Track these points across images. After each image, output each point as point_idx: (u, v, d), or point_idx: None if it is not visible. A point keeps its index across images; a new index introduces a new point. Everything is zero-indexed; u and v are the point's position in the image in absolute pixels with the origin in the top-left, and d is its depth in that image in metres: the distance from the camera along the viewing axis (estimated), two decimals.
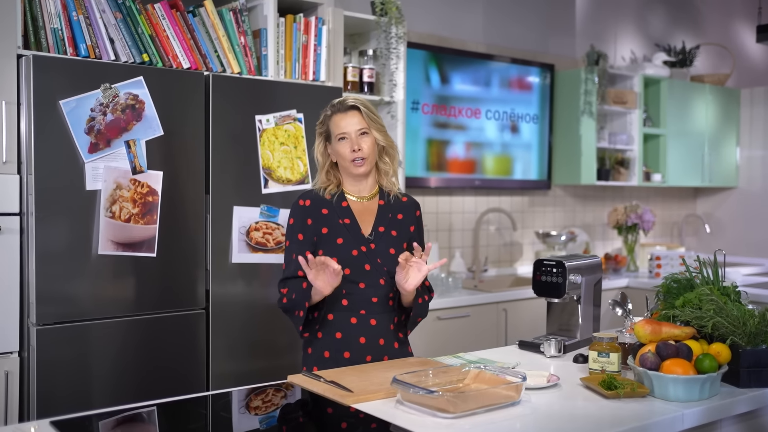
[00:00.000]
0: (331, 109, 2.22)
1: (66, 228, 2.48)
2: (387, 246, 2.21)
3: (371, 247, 2.19)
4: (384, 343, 2.19)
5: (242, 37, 3.01)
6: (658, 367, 1.85)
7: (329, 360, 2.16)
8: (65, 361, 2.49)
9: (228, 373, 2.81)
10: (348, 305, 2.17)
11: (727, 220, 5.80)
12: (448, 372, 1.92)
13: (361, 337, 2.17)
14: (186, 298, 2.74)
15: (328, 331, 2.18)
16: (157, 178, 2.64)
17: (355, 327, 2.17)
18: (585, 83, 4.69)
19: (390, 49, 3.49)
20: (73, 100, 2.48)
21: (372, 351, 2.17)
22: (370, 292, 2.17)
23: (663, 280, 2.27)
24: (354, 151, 2.16)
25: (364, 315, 2.17)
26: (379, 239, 2.21)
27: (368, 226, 2.22)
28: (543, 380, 1.96)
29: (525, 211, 4.88)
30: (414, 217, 2.33)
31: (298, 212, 2.22)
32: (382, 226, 2.23)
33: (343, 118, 2.18)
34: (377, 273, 2.18)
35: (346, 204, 2.22)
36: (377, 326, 2.19)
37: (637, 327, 1.98)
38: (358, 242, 2.18)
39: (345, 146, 2.17)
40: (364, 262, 2.17)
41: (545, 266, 2.42)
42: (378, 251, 2.19)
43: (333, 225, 2.19)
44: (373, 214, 2.24)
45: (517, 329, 4.01)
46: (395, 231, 2.24)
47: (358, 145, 2.17)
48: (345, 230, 2.18)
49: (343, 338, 2.17)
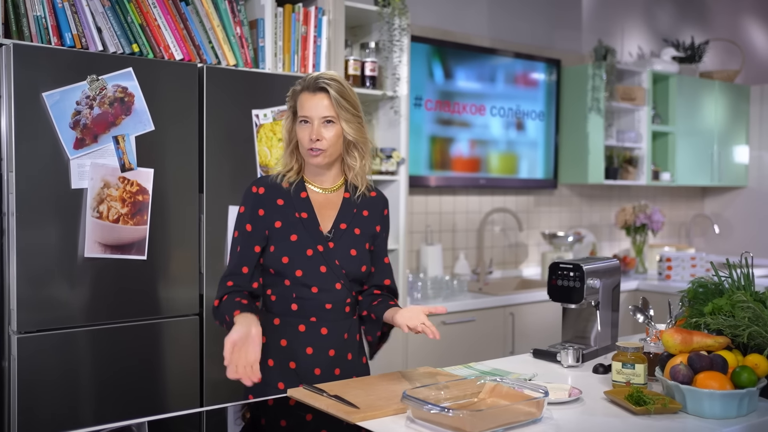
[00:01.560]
0: (300, 85, 1.94)
1: (50, 229, 2.33)
2: (348, 246, 1.97)
3: (329, 246, 1.94)
4: (335, 355, 1.96)
5: (238, 27, 2.86)
6: (691, 381, 1.70)
7: (274, 369, 1.93)
8: (49, 371, 2.33)
9: (223, 382, 2.65)
10: (297, 311, 1.93)
11: (737, 221, 5.66)
12: (462, 385, 1.77)
13: (308, 347, 1.94)
14: (178, 304, 2.59)
15: (272, 337, 1.94)
16: (147, 175, 2.49)
17: (302, 335, 1.93)
18: (592, 79, 4.55)
19: (393, 41, 3.33)
20: (57, 92, 2.32)
21: (320, 363, 1.94)
22: (323, 298, 1.93)
23: (689, 285, 2.12)
24: (312, 140, 1.89)
25: (314, 323, 1.94)
26: (339, 238, 1.96)
27: (328, 222, 1.97)
28: (564, 394, 1.81)
29: (530, 211, 4.73)
30: (381, 216, 2.06)
31: (250, 200, 1.96)
32: (344, 222, 1.98)
33: (309, 99, 1.90)
34: (333, 276, 1.94)
35: (306, 195, 1.97)
36: (328, 336, 1.95)
37: (666, 336, 1.83)
38: (314, 240, 1.93)
39: (304, 131, 1.91)
40: (319, 263, 1.92)
41: (561, 270, 2.27)
42: (337, 251, 1.95)
43: (288, 218, 1.94)
44: (336, 208, 1.99)
45: (525, 334, 3.86)
46: (358, 229, 2.00)
47: (318, 134, 1.89)
48: (301, 225, 1.93)
49: (288, 347, 1.94)
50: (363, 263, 1.98)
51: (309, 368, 1.94)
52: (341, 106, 1.90)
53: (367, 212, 2.03)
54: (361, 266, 1.98)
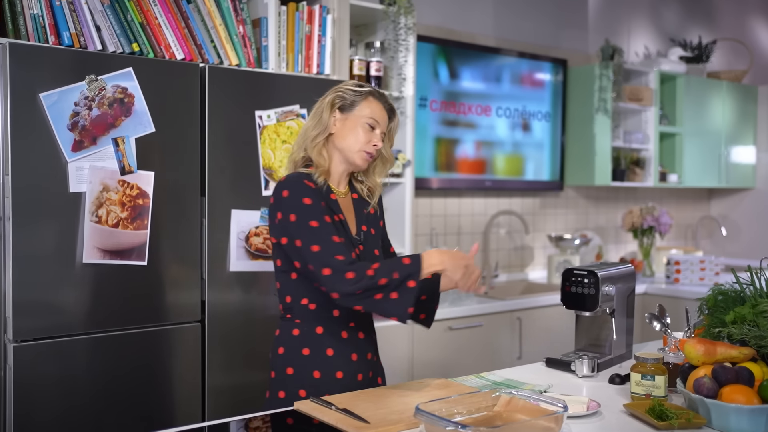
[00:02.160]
0: (374, 91, 1.99)
1: (47, 234, 2.26)
2: (372, 247, 1.99)
3: (360, 249, 1.94)
4: (371, 358, 2.00)
5: (241, 26, 2.78)
6: (716, 395, 1.63)
7: (321, 381, 1.88)
8: (46, 381, 2.26)
9: (226, 391, 2.59)
10: (339, 316, 1.91)
11: (744, 222, 5.59)
12: (477, 398, 1.70)
13: (353, 353, 1.93)
14: (180, 310, 2.51)
15: (317, 348, 1.89)
16: (147, 179, 2.42)
17: (346, 342, 1.92)
18: (599, 79, 4.48)
19: (399, 40, 3.26)
20: (54, 93, 2.25)
21: (362, 368, 1.96)
22: None
23: (708, 292, 2.05)
24: (374, 144, 1.94)
25: (353, 328, 1.94)
26: (366, 240, 1.97)
27: (353, 225, 1.97)
28: (582, 407, 1.74)
29: (536, 214, 4.66)
30: (380, 209, 2.10)
31: (310, 192, 1.86)
32: (364, 224, 1.99)
33: (381, 110, 1.97)
34: None
35: (334, 197, 1.94)
36: (365, 339, 1.98)
37: (688, 347, 1.75)
38: (352, 243, 1.92)
39: (368, 134, 1.93)
40: None
41: (575, 276, 2.20)
42: (366, 254, 1.95)
43: (332, 219, 1.89)
44: (352, 210, 1.99)
45: (533, 340, 3.79)
46: (374, 229, 2.02)
47: (379, 141, 1.96)
48: (342, 228, 1.91)
49: (334, 356, 1.90)
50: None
51: (353, 375, 1.93)
52: (393, 130, 2.02)
53: (373, 210, 2.04)
54: None
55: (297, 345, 1.91)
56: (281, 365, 1.92)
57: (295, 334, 1.92)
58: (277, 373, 1.93)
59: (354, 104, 1.95)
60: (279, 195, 1.87)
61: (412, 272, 1.76)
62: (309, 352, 1.89)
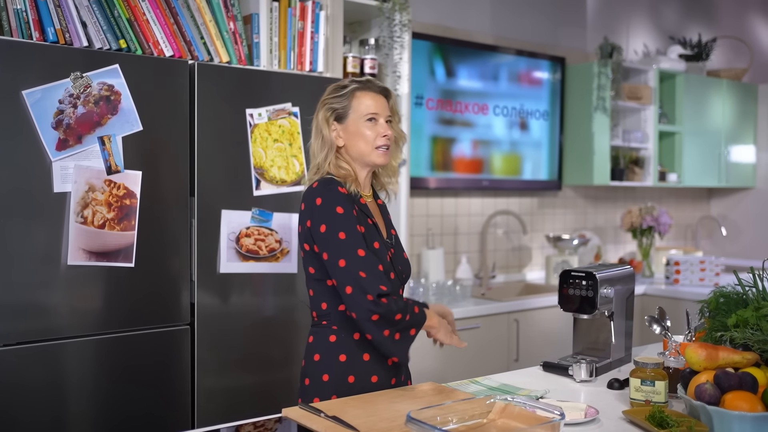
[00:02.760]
0: (356, 84, 1.93)
1: (31, 235, 2.20)
2: (401, 251, 2.02)
3: (391, 253, 1.96)
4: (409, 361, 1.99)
5: (231, 22, 2.73)
6: (718, 401, 1.57)
7: (355, 385, 1.86)
8: (31, 386, 2.20)
9: (216, 395, 2.53)
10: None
11: (744, 222, 5.54)
12: (471, 404, 1.64)
13: (389, 359, 1.92)
14: (168, 313, 2.45)
15: (353, 353, 1.88)
16: (135, 178, 2.36)
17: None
18: (598, 77, 4.42)
19: (393, 37, 3.20)
20: (38, 90, 2.19)
21: (396, 373, 1.96)
22: None
23: (709, 294, 1.99)
24: (384, 135, 1.91)
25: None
26: (396, 243, 2.01)
27: (384, 229, 1.99)
28: (580, 414, 1.68)
29: (534, 214, 4.60)
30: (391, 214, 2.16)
31: (343, 200, 1.83)
32: (392, 228, 2.04)
33: (374, 98, 1.92)
34: (398, 282, 1.95)
35: (364, 201, 1.94)
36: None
37: (690, 351, 1.70)
38: (386, 247, 1.94)
39: (373, 128, 1.91)
40: (390, 271, 1.90)
41: (573, 278, 2.14)
42: (397, 257, 1.98)
43: (366, 224, 1.90)
44: (380, 215, 2.02)
45: (530, 342, 3.73)
46: (395, 231, 2.06)
47: (386, 128, 1.92)
48: (376, 232, 1.92)
49: (371, 361, 1.90)
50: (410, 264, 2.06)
51: (387, 380, 1.91)
52: (394, 110, 1.97)
53: (390, 215, 2.09)
54: (410, 268, 2.04)
55: (334, 351, 1.88)
56: (317, 373, 1.88)
57: (332, 340, 1.89)
58: (312, 381, 1.89)
59: (347, 108, 1.92)
60: (311, 202, 1.84)
61: (416, 323, 1.88)
62: (345, 358, 1.87)
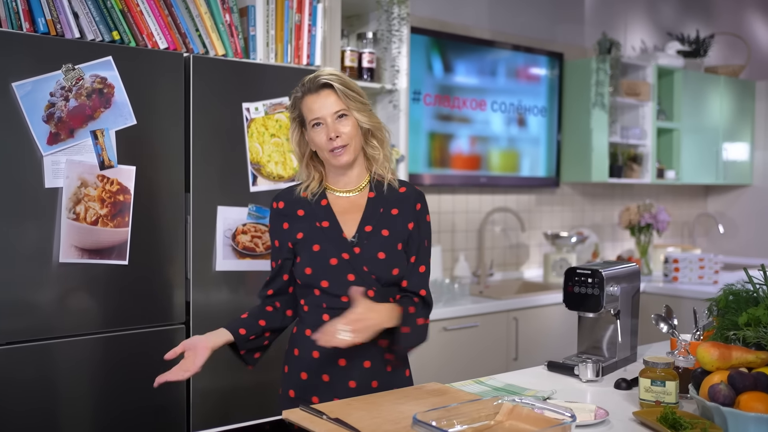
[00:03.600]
0: (302, 90, 1.85)
1: (21, 232, 2.13)
2: (375, 249, 1.84)
3: (355, 252, 1.83)
4: (371, 366, 1.84)
5: (227, 14, 2.66)
6: (732, 402, 1.53)
7: (308, 382, 1.85)
8: (21, 388, 2.14)
9: (211, 395, 2.48)
10: (330, 321, 1.78)
11: (741, 220, 5.52)
12: (477, 406, 1.59)
13: (340, 359, 1.83)
14: (163, 312, 2.40)
15: (304, 350, 1.86)
16: (128, 174, 2.30)
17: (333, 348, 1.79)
18: (596, 73, 4.38)
19: (392, 31, 3.15)
20: (28, 82, 2.12)
21: (355, 375, 1.83)
22: None
23: (719, 292, 1.95)
24: (331, 139, 1.81)
25: None
26: (365, 242, 1.85)
27: (352, 227, 1.86)
28: (589, 416, 1.64)
29: (532, 211, 4.56)
30: (413, 212, 1.91)
31: (274, 216, 1.93)
32: (369, 224, 1.86)
33: (315, 100, 1.82)
34: (363, 284, 1.81)
35: (326, 203, 1.89)
36: (362, 346, 1.79)
37: (702, 351, 1.65)
38: (338, 248, 1.83)
39: (320, 133, 1.82)
40: (346, 272, 1.82)
41: (579, 276, 2.10)
42: (364, 256, 1.83)
43: (309, 229, 1.86)
44: (360, 210, 1.89)
45: (529, 340, 3.69)
46: (387, 230, 1.87)
47: (335, 130, 1.81)
48: (323, 234, 1.85)
49: (321, 358, 1.84)
50: (395, 266, 1.84)
51: (343, 381, 1.83)
52: (349, 96, 1.82)
53: (397, 210, 1.89)
54: (392, 269, 1.84)
55: (291, 344, 1.93)
56: (283, 362, 1.94)
57: (294, 332, 1.94)
58: (283, 370, 1.95)
59: (301, 117, 1.87)
60: None
61: None
62: (298, 353, 1.90)
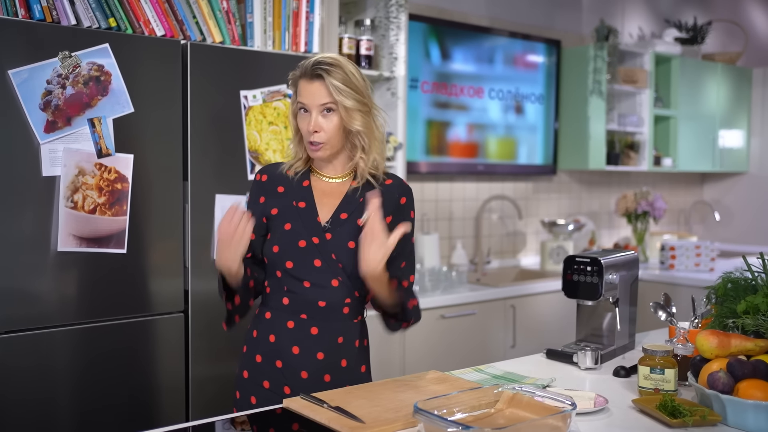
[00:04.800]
0: (299, 70, 1.78)
1: (19, 220, 2.13)
2: (346, 238, 1.78)
3: (326, 238, 1.78)
4: (324, 359, 1.78)
5: (224, 1, 2.65)
6: (731, 390, 1.54)
7: (262, 365, 1.82)
8: (19, 377, 2.14)
9: (210, 383, 2.48)
10: (288, 305, 1.79)
11: (737, 207, 5.53)
12: (477, 394, 1.60)
13: (294, 346, 1.78)
14: (161, 300, 2.40)
15: (263, 332, 1.83)
16: (126, 162, 2.29)
17: (290, 332, 1.78)
18: (594, 60, 4.37)
19: (390, 18, 3.14)
20: (25, 70, 2.11)
21: (307, 366, 1.78)
22: (316, 294, 1.77)
23: (718, 280, 1.95)
24: (309, 131, 1.75)
25: (304, 320, 1.78)
26: (338, 229, 1.79)
27: (328, 212, 1.82)
28: (589, 403, 1.64)
29: (529, 198, 4.56)
30: (396, 205, 1.85)
31: (254, 188, 1.89)
32: (345, 212, 1.81)
33: (306, 86, 1.75)
34: (329, 271, 1.77)
35: (308, 184, 1.85)
36: (318, 337, 1.78)
37: (701, 339, 1.66)
38: (309, 231, 1.78)
39: (304, 120, 1.77)
40: (313, 257, 1.77)
41: (578, 264, 2.10)
42: (334, 243, 1.78)
43: (285, 206, 1.83)
44: (339, 197, 1.83)
45: (527, 328, 3.71)
46: (361, 221, 1.80)
47: (316, 125, 1.74)
48: (297, 214, 1.81)
49: (276, 343, 1.80)
50: None
51: (295, 370, 1.78)
52: (341, 92, 1.72)
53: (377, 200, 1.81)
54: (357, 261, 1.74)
55: (252, 325, 1.89)
56: (244, 342, 1.90)
57: (256, 313, 1.89)
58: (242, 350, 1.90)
59: (295, 95, 1.80)
60: None
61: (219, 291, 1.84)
62: (256, 334, 1.85)
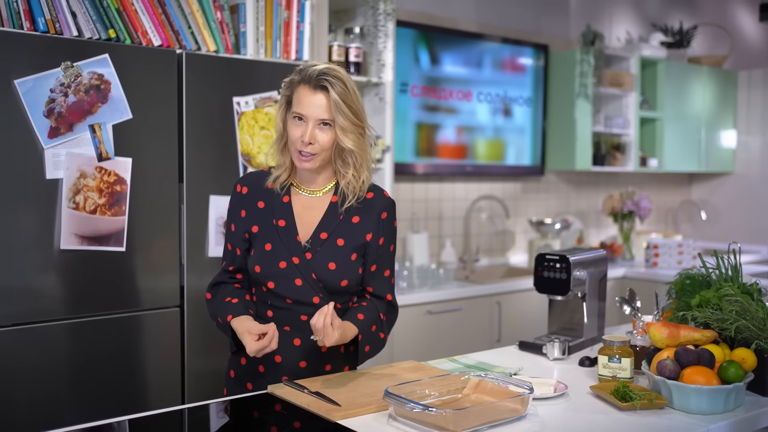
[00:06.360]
0: (300, 75, 1.75)
1: (24, 220, 2.26)
2: (327, 259, 1.79)
3: (306, 258, 1.79)
4: (306, 366, 1.84)
5: (218, 12, 2.78)
6: (677, 376, 1.67)
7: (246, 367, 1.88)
8: (23, 368, 2.28)
9: (205, 376, 2.62)
10: (272, 318, 1.84)
11: (723, 207, 5.66)
12: (446, 381, 1.74)
13: (277, 356, 1.83)
14: (158, 296, 2.53)
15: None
16: (125, 165, 2.43)
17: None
18: (580, 64, 4.50)
19: (378, 26, 3.27)
20: (30, 79, 2.25)
21: (290, 373, 1.83)
22: (299, 310, 1.81)
23: (676, 276, 2.09)
24: (303, 141, 1.73)
25: (287, 332, 1.82)
26: (318, 249, 1.80)
27: (308, 231, 1.81)
28: (549, 389, 1.78)
29: (517, 198, 4.69)
30: (376, 221, 1.84)
31: (234, 200, 1.87)
32: (325, 231, 1.81)
33: (307, 95, 1.72)
34: (310, 289, 1.79)
35: (288, 200, 1.83)
36: (300, 347, 1.83)
37: (653, 330, 1.80)
38: (289, 251, 1.79)
39: (297, 129, 1.74)
40: (294, 276, 1.79)
41: (548, 261, 2.24)
42: (314, 263, 1.79)
43: (265, 225, 1.82)
44: (320, 214, 1.82)
45: (512, 324, 3.84)
46: (343, 239, 1.81)
47: (311, 136, 1.72)
48: (277, 234, 1.80)
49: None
50: (344, 277, 1.81)
51: (276, 375, 1.84)
52: (340, 110, 1.72)
53: (358, 218, 1.83)
54: (341, 280, 1.80)
55: None
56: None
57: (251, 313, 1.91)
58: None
59: (291, 98, 1.77)
60: None
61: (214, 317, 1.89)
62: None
